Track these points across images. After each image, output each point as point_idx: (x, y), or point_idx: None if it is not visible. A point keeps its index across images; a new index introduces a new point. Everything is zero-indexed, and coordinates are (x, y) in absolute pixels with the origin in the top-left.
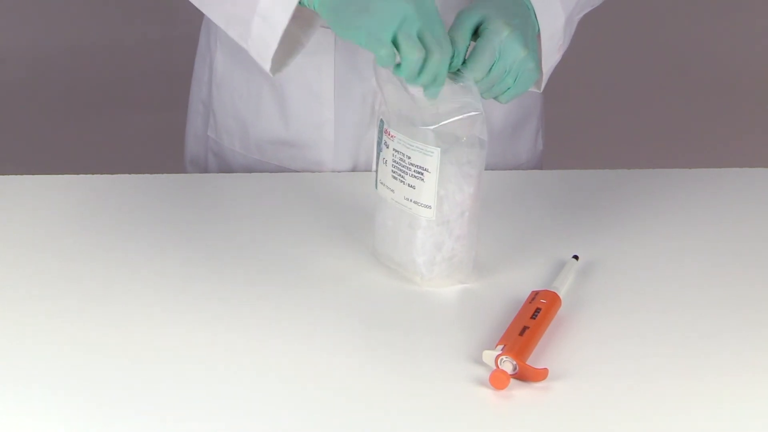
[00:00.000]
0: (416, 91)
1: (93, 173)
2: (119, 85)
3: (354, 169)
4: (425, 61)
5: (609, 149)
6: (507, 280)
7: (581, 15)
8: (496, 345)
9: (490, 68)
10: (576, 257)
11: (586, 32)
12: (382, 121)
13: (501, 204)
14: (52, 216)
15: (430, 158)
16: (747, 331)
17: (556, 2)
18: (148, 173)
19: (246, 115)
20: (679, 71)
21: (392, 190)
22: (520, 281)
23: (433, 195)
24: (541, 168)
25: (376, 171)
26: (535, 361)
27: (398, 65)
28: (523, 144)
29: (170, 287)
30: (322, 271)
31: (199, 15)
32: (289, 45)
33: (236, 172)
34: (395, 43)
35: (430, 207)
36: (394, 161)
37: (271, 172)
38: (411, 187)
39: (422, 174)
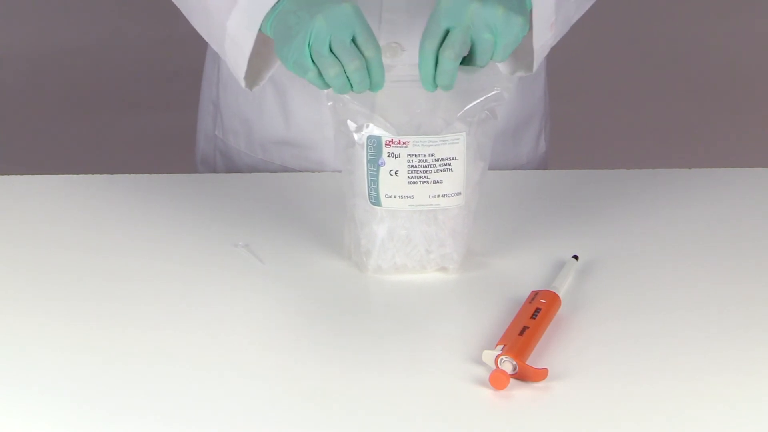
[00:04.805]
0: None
1: (93, 173)
2: (119, 85)
3: None
4: (347, 71)
5: (609, 150)
6: (507, 280)
7: None
8: (496, 345)
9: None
10: (576, 257)
11: (586, 33)
12: (373, 138)
13: (500, 204)
14: (52, 216)
15: (457, 145)
16: (747, 330)
17: None
18: (148, 173)
19: (250, 115)
20: (679, 71)
21: (410, 197)
22: (520, 281)
23: (463, 180)
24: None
25: (375, 189)
26: (535, 361)
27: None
28: (524, 146)
29: (171, 287)
30: (322, 270)
31: None
32: (265, 60)
33: (242, 171)
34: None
35: (460, 193)
36: (411, 166)
37: (275, 172)
38: (437, 182)
39: (450, 164)
